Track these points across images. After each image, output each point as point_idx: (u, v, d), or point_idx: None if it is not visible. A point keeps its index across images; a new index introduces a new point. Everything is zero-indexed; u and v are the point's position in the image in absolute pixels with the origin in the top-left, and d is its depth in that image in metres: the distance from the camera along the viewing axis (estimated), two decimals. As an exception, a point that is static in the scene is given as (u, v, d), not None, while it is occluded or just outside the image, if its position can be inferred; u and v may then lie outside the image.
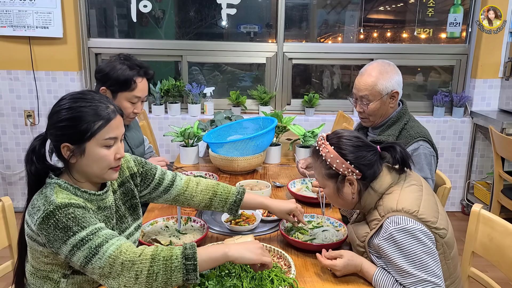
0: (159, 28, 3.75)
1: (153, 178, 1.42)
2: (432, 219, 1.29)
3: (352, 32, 3.84)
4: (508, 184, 2.99)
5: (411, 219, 1.27)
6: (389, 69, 1.86)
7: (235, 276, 1.21)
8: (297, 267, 1.33)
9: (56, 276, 1.18)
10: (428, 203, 1.33)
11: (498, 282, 1.50)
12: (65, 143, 1.15)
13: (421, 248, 1.25)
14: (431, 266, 1.24)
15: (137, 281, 1.06)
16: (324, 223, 1.62)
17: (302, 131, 2.46)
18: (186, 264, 1.08)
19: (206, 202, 1.48)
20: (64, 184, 1.18)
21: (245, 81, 3.95)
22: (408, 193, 1.33)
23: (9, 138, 3.49)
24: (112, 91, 1.89)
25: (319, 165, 1.38)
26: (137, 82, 1.90)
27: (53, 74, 3.47)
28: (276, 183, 2.12)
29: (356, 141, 1.36)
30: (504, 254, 1.46)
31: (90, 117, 1.15)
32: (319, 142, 1.39)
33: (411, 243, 1.25)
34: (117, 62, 1.88)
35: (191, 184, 1.48)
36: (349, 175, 1.33)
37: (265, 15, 3.76)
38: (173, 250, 1.10)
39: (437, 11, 3.67)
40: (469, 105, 3.64)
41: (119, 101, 1.90)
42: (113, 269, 1.07)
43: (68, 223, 1.08)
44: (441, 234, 1.30)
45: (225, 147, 2.23)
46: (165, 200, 1.47)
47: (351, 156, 1.33)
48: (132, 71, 1.88)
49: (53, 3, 3.30)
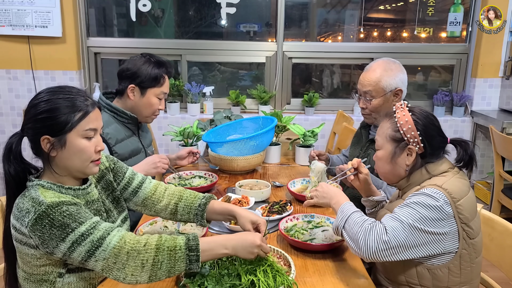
0: (158, 27, 3.74)
1: (123, 177, 1.42)
2: (467, 214, 1.26)
3: (352, 31, 3.84)
4: (508, 183, 2.98)
5: (446, 198, 1.24)
6: (394, 67, 1.87)
7: (235, 276, 1.21)
8: (297, 267, 1.32)
9: (51, 277, 1.17)
10: (471, 200, 1.31)
11: (498, 282, 1.49)
12: (45, 136, 1.15)
13: (430, 213, 1.21)
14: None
15: (143, 269, 1.09)
16: (324, 223, 1.61)
17: (302, 130, 2.45)
18: (190, 255, 1.12)
19: (172, 208, 1.43)
20: (47, 184, 1.17)
21: (244, 81, 3.94)
22: (458, 181, 1.31)
23: (8, 137, 3.47)
24: (142, 88, 1.95)
25: (387, 126, 1.40)
26: (165, 78, 1.99)
27: (52, 74, 3.46)
28: (276, 182, 2.12)
29: (433, 120, 1.37)
30: (504, 254, 1.45)
31: (69, 108, 1.16)
32: (399, 105, 1.40)
33: (425, 202, 1.22)
34: (143, 60, 1.96)
35: (160, 188, 1.46)
36: (412, 145, 1.33)
37: (264, 14, 3.76)
38: (176, 240, 1.13)
39: (437, 10, 3.67)
40: (469, 104, 3.64)
41: (148, 98, 1.96)
42: (118, 259, 1.08)
43: (65, 220, 1.08)
44: (470, 233, 1.27)
45: (224, 147, 2.22)
46: (135, 204, 1.45)
47: (423, 129, 1.33)
48: (161, 68, 1.97)
49: (52, 2, 3.30)
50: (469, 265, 1.30)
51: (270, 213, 1.70)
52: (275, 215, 1.68)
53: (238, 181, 2.01)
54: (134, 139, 2.04)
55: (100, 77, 3.74)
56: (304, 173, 2.27)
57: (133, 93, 1.95)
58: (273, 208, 1.72)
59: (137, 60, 1.96)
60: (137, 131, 2.08)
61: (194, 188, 1.95)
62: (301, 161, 2.44)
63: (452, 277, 1.29)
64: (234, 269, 1.22)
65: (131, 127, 2.02)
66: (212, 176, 2.12)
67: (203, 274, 1.20)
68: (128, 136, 1.99)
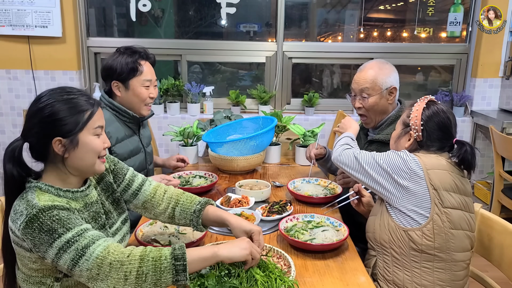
0: (158, 27, 3.74)
1: (123, 178, 1.40)
2: (437, 182, 1.38)
3: (352, 31, 3.84)
4: (508, 183, 2.98)
5: (418, 161, 1.42)
6: (387, 66, 1.92)
7: (235, 276, 1.20)
8: (297, 267, 1.32)
9: (49, 281, 1.15)
10: (445, 176, 1.40)
11: (498, 282, 1.50)
12: (57, 138, 1.14)
13: (398, 161, 1.43)
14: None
15: (126, 282, 1.05)
16: (324, 223, 1.62)
17: (302, 130, 2.46)
18: (176, 264, 1.07)
19: (170, 212, 1.41)
20: (45, 187, 1.16)
21: (244, 80, 3.94)
22: (435, 158, 1.44)
23: (8, 137, 3.48)
24: (123, 81, 1.93)
25: (407, 112, 1.55)
26: (142, 65, 1.95)
27: (52, 74, 3.46)
28: (276, 182, 2.12)
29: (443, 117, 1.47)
30: (504, 254, 1.45)
31: (78, 108, 1.17)
32: (422, 97, 1.55)
33: (395, 153, 1.46)
34: (117, 54, 1.94)
35: (159, 191, 1.43)
36: (412, 131, 1.49)
37: (264, 14, 3.76)
38: (162, 250, 1.09)
39: (437, 10, 3.67)
40: (469, 104, 3.64)
41: (132, 89, 1.94)
42: (101, 270, 1.05)
43: (53, 225, 1.06)
44: (442, 201, 1.38)
45: (224, 147, 2.22)
46: (135, 206, 1.42)
47: (426, 120, 1.47)
48: (133, 56, 1.93)
49: (52, 2, 3.30)
50: (443, 231, 1.38)
51: (270, 213, 1.70)
52: (275, 215, 1.68)
53: (238, 181, 2.01)
54: (135, 138, 2.03)
55: (100, 77, 3.73)
56: (304, 173, 2.27)
57: (118, 89, 1.94)
58: (273, 208, 1.73)
59: (112, 56, 1.94)
60: (138, 130, 2.07)
61: (194, 188, 1.95)
62: (301, 161, 2.44)
63: (426, 241, 1.39)
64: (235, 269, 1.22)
65: (132, 126, 2.02)
66: (212, 176, 2.12)
67: (203, 274, 1.20)
68: (129, 135, 1.99)
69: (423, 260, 1.41)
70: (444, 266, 1.41)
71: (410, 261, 1.42)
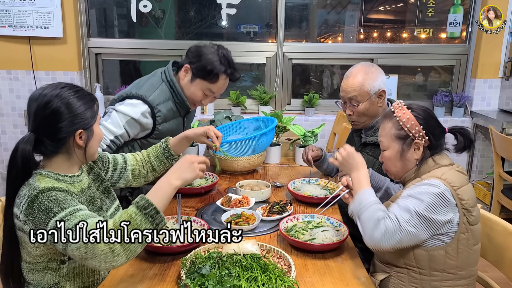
0: (159, 28, 3.75)
1: (108, 161, 1.52)
2: (468, 200, 1.31)
3: (352, 32, 3.84)
4: (508, 184, 2.98)
5: (446, 186, 1.29)
6: (374, 70, 1.89)
7: (235, 276, 1.21)
8: (297, 267, 1.33)
9: (54, 265, 1.19)
10: (470, 190, 1.36)
11: (498, 282, 1.50)
12: (80, 130, 1.21)
13: (434, 200, 1.27)
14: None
15: (113, 253, 1.08)
16: (324, 223, 1.62)
17: (302, 131, 2.46)
18: (146, 212, 1.12)
19: (149, 167, 1.64)
20: (45, 172, 1.22)
21: (245, 81, 3.94)
22: (456, 173, 1.36)
23: (9, 138, 3.49)
24: (194, 74, 1.93)
25: (390, 126, 1.45)
26: (220, 78, 1.92)
27: (53, 74, 3.47)
28: (276, 183, 2.12)
29: (430, 112, 1.45)
30: (504, 254, 1.46)
31: (90, 101, 1.26)
32: (396, 105, 1.46)
33: (427, 191, 1.29)
34: (212, 50, 1.91)
35: (137, 157, 1.64)
36: (418, 139, 1.40)
37: (265, 15, 3.76)
38: (128, 211, 1.13)
39: (437, 11, 3.68)
40: (469, 105, 3.64)
41: (194, 86, 1.94)
42: (88, 248, 1.07)
43: (50, 205, 1.11)
44: (471, 220, 1.32)
45: (225, 147, 2.22)
46: (126, 180, 1.56)
47: (424, 122, 1.41)
48: (221, 66, 1.90)
49: (53, 3, 3.31)
50: (466, 250, 1.33)
51: (270, 213, 1.70)
52: (275, 215, 1.69)
53: (239, 182, 2.02)
54: (179, 120, 2.06)
55: (100, 78, 3.74)
56: (304, 173, 2.27)
57: (186, 73, 1.93)
58: (273, 208, 1.73)
59: (209, 48, 1.92)
60: (185, 114, 2.09)
61: (194, 188, 1.95)
62: (301, 162, 2.44)
63: (449, 260, 1.33)
64: (235, 269, 1.23)
65: (180, 110, 2.03)
66: (213, 176, 2.12)
67: (203, 274, 1.20)
68: (175, 116, 2.02)
69: (444, 279, 1.35)
70: (463, 283, 1.36)
71: (430, 280, 1.35)
